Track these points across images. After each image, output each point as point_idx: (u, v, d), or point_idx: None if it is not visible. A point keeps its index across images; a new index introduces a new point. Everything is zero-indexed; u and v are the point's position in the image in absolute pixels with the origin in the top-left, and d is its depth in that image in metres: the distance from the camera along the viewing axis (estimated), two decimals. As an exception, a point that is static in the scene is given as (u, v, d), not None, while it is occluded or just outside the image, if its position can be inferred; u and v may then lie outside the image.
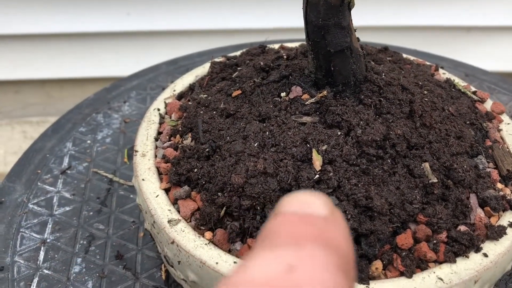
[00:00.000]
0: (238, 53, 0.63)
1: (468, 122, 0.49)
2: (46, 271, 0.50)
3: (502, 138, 0.51)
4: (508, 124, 0.53)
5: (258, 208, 0.40)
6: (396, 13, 1.34)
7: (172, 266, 0.44)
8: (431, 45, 1.35)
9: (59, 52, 1.39)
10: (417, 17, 1.35)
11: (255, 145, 0.43)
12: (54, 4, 1.29)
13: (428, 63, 0.62)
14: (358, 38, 0.45)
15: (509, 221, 0.42)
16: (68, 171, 0.62)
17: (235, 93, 0.49)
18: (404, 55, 0.62)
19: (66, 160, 0.64)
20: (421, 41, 1.37)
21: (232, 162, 0.43)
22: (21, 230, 0.54)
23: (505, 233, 0.41)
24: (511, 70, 1.44)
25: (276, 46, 0.64)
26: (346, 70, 0.43)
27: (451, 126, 0.46)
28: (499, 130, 0.52)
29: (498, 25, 1.36)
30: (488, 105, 0.55)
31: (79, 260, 0.51)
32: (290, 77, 0.47)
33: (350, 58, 0.43)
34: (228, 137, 0.45)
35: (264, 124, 0.45)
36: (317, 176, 0.40)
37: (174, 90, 0.59)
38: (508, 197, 0.43)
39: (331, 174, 0.40)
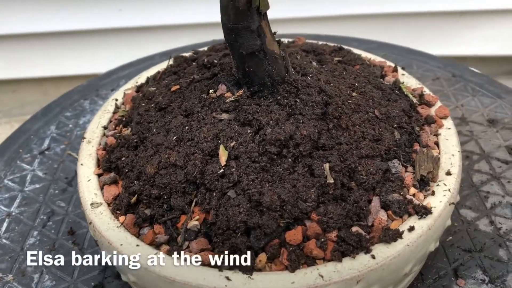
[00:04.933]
0: (206, 48, 0.66)
1: (395, 125, 0.49)
2: (4, 241, 0.56)
3: (437, 143, 0.51)
4: (449, 129, 0.52)
5: (165, 197, 0.44)
6: (388, 1, 1.34)
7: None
8: (424, 30, 1.37)
9: (54, 50, 1.45)
10: (410, 4, 1.36)
11: (174, 138, 0.46)
12: (48, 4, 1.35)
13: (388, 63, 0.62)
14: (279, 41, 0.46)
15: (410, 226, 0.42)
16: (46, 152, 0.68)
17: (173, 88, 0.52)
18: (364, 54, 0.63)
19: (46, 142, 0.70)
20: (414, 27, 1.39)
21: (151, 153, 0.46)
22: (-8, 202, 0.60)
23: (401, 237, 0.41)
24: (504, 54, 1.47)
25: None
26: (260, 72, 0.45)
27: (370, 129, 0.47)
28: (436, 135, 0.52)
29: (490, 9, 1.37)
30: (434, 109, 0.55)
31: (35, 233, 0.57)
32: (219, 75, 0.50)
33: (264, 60, 0.45)
34: (154, 130, 0.48)
35: (187, 119, 0.48)
36: (221, 170, 0.43)
37: (137, 82, 0.63)
38: (416, 202, 0.44)
39: (234, 169, 0.42)
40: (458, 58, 1.43)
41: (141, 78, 0.63)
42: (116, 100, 0.59)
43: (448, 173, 0.47)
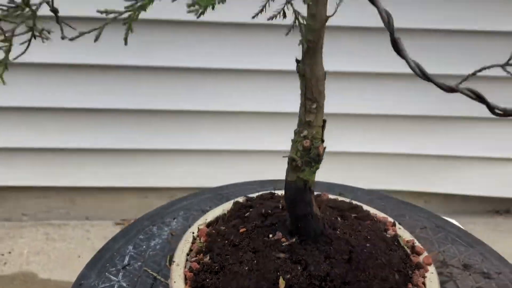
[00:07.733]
0: (255, 195, 0.90)
1: (395, 269, 0.71)
2: (103, 336, 0.74)
3: (424, 283, 0.73)
4: (432, 273, 0.74)
5: (241, 311, 0.64)
6: (371, 142, 1.75)
7: None
8: (409, 171, 1.70)
9: (80, 164, 1.79)
10: (396, 146, 1.76)
11: (246, 268, 0.68)
12: (76, 124, 1.71)
13: (390, 219, 0.86)
14: (319, 207, 0.70)
15: None
16: (127, 267, 0.88)
17: (241, 230, 0.75)
18: (372, 211, 0.87)
19: (127, 259, 0.91)
20: (400, 167, 1.72)
21: (230, 278, 0.67)
22: (91, 305, 0.80)
23: None
24: (486, 195, 1.87)
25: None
26: (308, 228, 0.69)
27: (380, 271, 0.69)
28: (424, 277, 0.74)
29: (471, 156, 1.79)
30: (422, 257, 0.77)
31: (126, 332, 0.75)
32: (276, 225, 0.73)
33: (311, 220, 0.68)
34: (231, 261, 0.70)
35: (255, 255, 0.70)
36: (281, 295, 0.64)
37: (206, 219, 0.86)
38: (411, 326, 0.65)
39: (289, 294, 0.64)
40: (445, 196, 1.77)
41: (209, 217, 0.86)
42: (193, 233, 0.82)
43: (433, 306, 0.68)
